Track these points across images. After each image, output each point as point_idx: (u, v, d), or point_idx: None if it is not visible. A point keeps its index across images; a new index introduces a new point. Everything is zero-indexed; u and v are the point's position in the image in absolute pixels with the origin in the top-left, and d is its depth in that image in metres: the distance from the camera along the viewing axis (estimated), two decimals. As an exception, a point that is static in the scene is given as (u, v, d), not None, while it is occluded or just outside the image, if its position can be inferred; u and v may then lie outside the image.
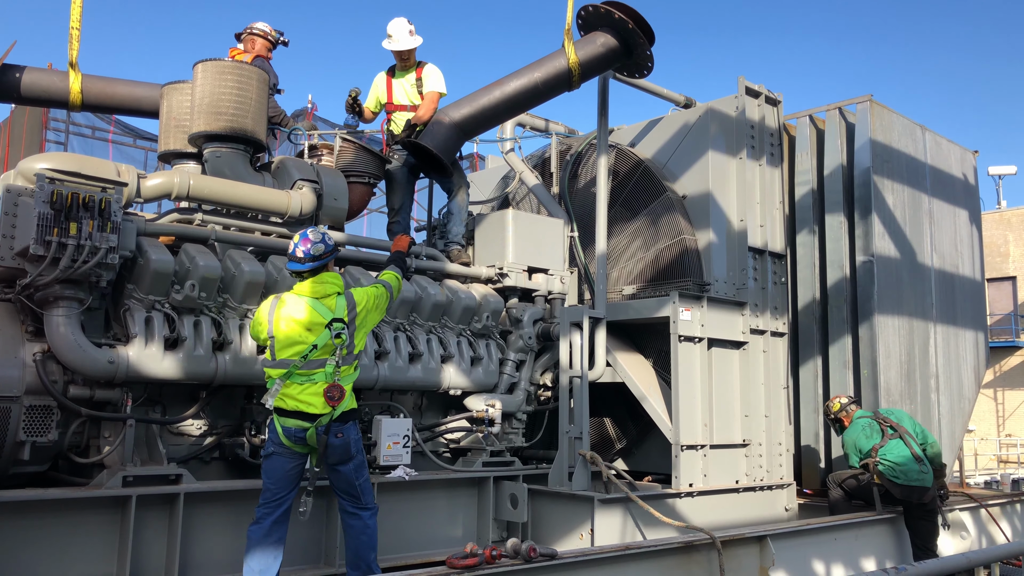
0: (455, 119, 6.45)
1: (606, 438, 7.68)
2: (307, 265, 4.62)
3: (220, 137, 5.91)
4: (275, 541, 4.54)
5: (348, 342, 4.57)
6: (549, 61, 6.51)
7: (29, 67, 6.67)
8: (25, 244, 4.58)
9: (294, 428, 4.51)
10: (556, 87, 6.53)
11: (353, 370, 4.65)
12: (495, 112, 6.59)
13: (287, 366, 4.50)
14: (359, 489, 4.69)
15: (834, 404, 7.06)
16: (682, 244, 7.15)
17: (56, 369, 4.85)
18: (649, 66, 6.79)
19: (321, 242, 4.65)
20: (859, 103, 8.00)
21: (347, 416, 4.58)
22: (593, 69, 6.60)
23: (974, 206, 9.48)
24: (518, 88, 6.49)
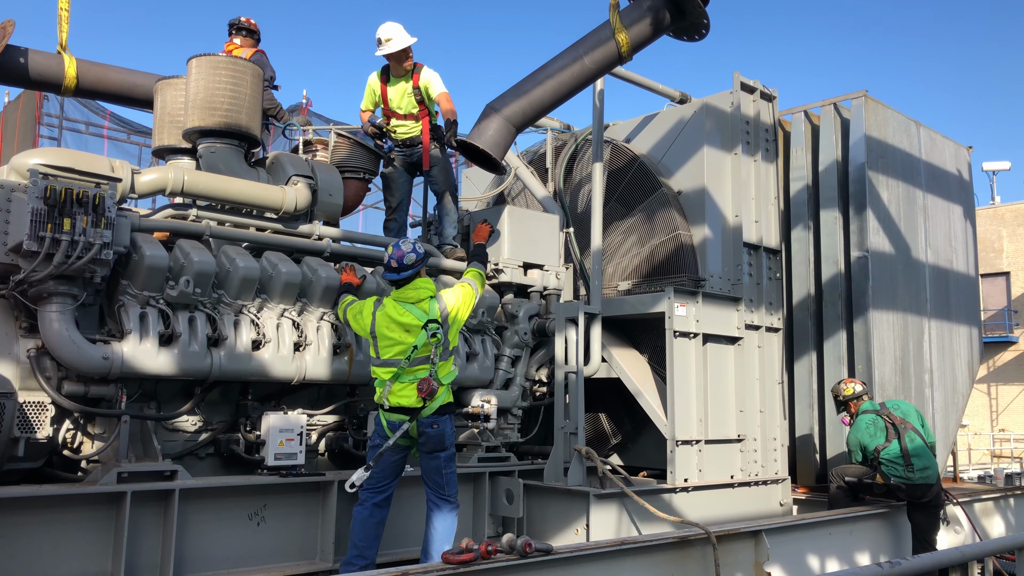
0: (504, 113, 6.09)
1: (601, 433, 7.69)
2: (402, 274, 4.99)
3: (214, 132, 5.89)
4: (376, 523, 4.93)
5: (443, 340, 4.90)
6: (595, 37, 6.10)
7: (23, 48, 6.52)
8: (19, 240, 4.56)
9: (396, 421, 4.88)
10: (606, 64, 6.17)
11: (451, 366, 4.98)
12: (545, 100, 6.18)
13: (395, 366, 4.87)
14: (444, 480, 4.92)
15: (847, 388, 7.01)
16: (677, 240, 7.15)
17: (50, 365, 4.83)
18: (705, 24, 6.23)
19: (412, 252, 5.01)
20: (854, 99, 8.01)
21: (444, 409, 4.90)
22: (643, 39, 6.15)
23: (968, 202, 9.50)
24: (566, 71, 6.09)
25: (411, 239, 5.16)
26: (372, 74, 7.01)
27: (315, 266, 5.80)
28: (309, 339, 5.68)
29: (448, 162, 7.19)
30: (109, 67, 6.83)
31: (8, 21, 6.22)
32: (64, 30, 6.05)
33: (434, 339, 4.83)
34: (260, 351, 5.46)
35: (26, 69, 6.45)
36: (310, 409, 5.99)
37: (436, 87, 6.81)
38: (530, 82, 6.15)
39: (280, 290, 5.59)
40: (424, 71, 6.83)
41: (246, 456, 5.45)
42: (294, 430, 5.43)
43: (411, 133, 6.99)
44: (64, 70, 6.48)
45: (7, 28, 6.13)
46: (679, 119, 7.61)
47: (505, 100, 6.14)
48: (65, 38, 6.14)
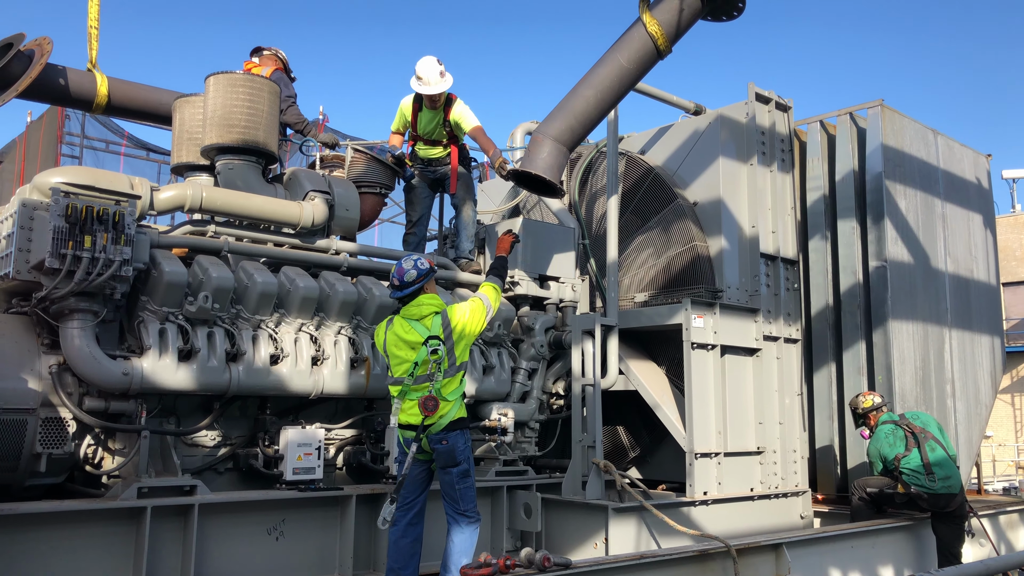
0: (553, 135, 5.88)
1: (619, 447, 7.65)
2: (404, 291, 4.95)
3: (232, 149, 5.95)
4: (411, 541, 4.87)
5: (447, 356, 4.82)
6: (628, 36, 5.90)
7: (59, 66, 6.61)
8: (41, 257, 4.63)
9: (409, 438, 4.86)
10: (646, 62, 5.91)
11: (458, 382, 4.89)
12: (591, 113, 5.95)
13: (400, 383, 4.85)
14: (458, 495, 4.87)
15: (865, 400, 6.97)
16: (694, 251, 7.13)
17: (72, 381, 4.88)
18: (740, 4, 6.00)
19: (413, 268, 4.95)
20: (870, 108, 7.98)
21: (455, 424, 4.82)
22: (679, 27, 5.88)
23: (988, 210, 9.42)
24: (607, 79, 5.86)
25: (415, 255, 5.11)
26: (406, 98, 7.04)
27: (332, 280, 5.84)
28: (327, 353, 5.70)
29: (470, 177, 7.23)
30: (137, 85, 6.93)
31: (44, 39, 6.30)
32: (94, 47, 6.13)
33: (434, 356, 4.75)
34: (278, 366, 5.49)
35: (61, 87, 6.53)
36: (328, 423, 6.01)
37: (469, 121, 6.84)
38: (573, 98, 5.94)
39: (298, 305, 5.62)
40: (456, 105, 6.88)
41: (264, 470, 5.47)
42: (312, 444, 5.44)
43: (437, 156, 7.07)
44: (96, 88, 6.55)
45: (44, 46, 6.22)
46: (694, 130, 7.60)
47: (552, 122, 5.94)
48: (95, 55, 6.20)
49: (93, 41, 6.07)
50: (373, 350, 5.96)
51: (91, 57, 6.22)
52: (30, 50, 6.29)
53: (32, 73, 6.00)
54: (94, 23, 5.96)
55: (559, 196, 6.38)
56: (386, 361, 5.07)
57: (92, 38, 6.05)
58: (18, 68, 6.14)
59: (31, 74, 6.00)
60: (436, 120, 6.97)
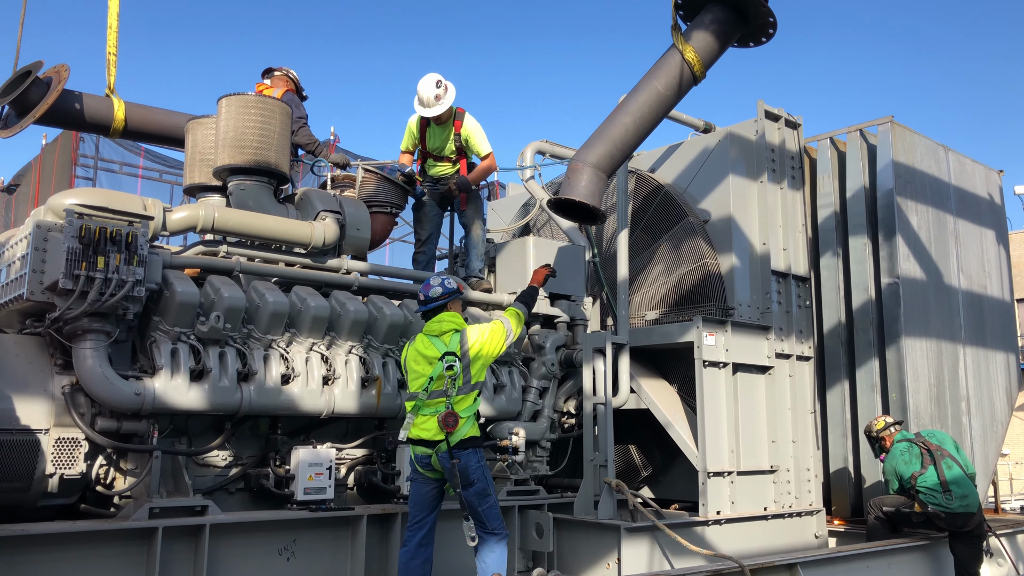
0: (591, 162, 5.86)
1: (631, 466, 7.61)
2: (428, 306, 5.05)
3: (244, 170, 5.99)
4: (422, 562, 4.86)
5: (462, 374, 4.84)
6: (664, 63, 5.98)
7: (76, 92, 6.72)
8: (54, 278, 4.66)
9: (420, 455, 4.86)
10: (682, 88, 6.00)
11: (472, 400, 4.89)
12: (629, 139, 6.00)
13: (414, 398, 4.88)
14: (482, 515, 4.82)
15: (878, 423, 6.93)
16: (704, 268, 7.12)
17: (84, 402, 4.90)
18: (772, 22, 6.04)
19: (439, 286, 5.06)
20: (880, 124, 7.96)
21: (467, 443, 4.78)
22: (713, 52, 6.00)
23: (1001, 226, 9.36)
24: (644, 105, 5.94)
25: (443, 274, 5.23)
26: (413, 116, 7.10)
27: (343, 300, 5.85)
28: (338, 373, 5.71)
29: (479, 196, 7.26)
30: (154, 109, 7.02)
31: (62, 66, 6.41)
32: (112, 74, 6.24)
33: (449, 371, 4.77)
34: (289, 385, 5.50)
35: (78, 112, 6.64)
36: (339, 443, 6.00)
37: (481, 144, 6.90)
38: (610, 124, 5.96)
39: (309, 324, 5.64)
40: (467, 120, 6.93)
41: (276, 490, 5.47)
42: (323, 464, 5.44)
43: (446, 173, 7.10)
44: (113, 113, 6.65)
45: (62, 73, 6.32)
46: (704, 148, 7.61)
47: (590, 149, 5.93)
48: (113, 81, 6.32)
49: (111, 68, 6.19)
50: (384, 369, 5.97)
51: (109, 83, 6.34)
52: (48, 77, 6.39)
53: (49, 100, 6.09)
54: (112, 50, 6.07)
55: (601, 222, 6.33)
56: (405, 377, 5.12)
57: (110, 64, 6.17)
58: (36, 95, 6.25)
59: (48, 101, 6.09)
60: (445, 135, 7.01)
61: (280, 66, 7.69)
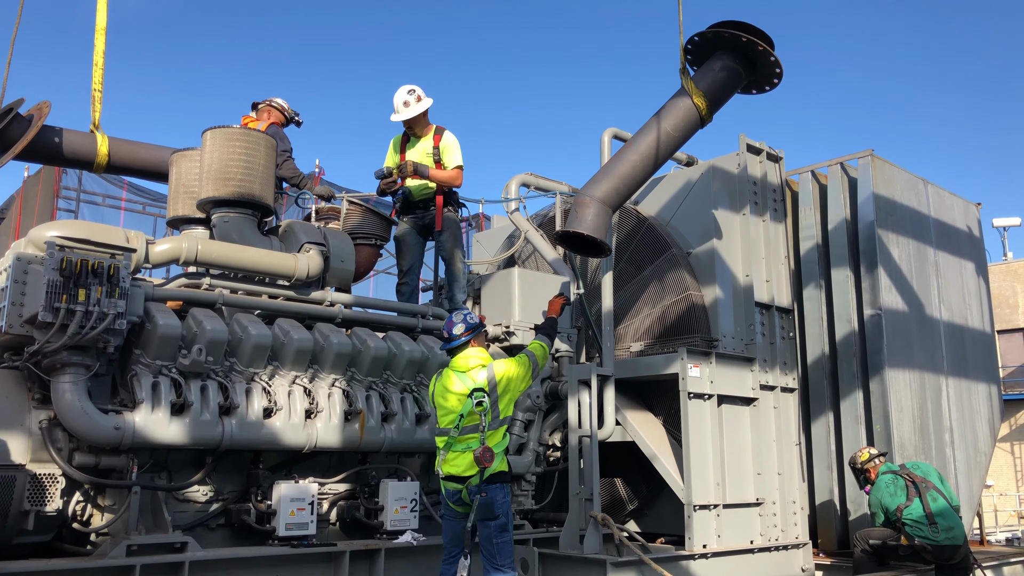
0: (598, 197, 5.99)
1: (617, 499, 7.55)
2: (451, 343, 5.12)
3: (228, 202, 5.98)
4: None
5: (493, 410, 4.90)
6: (673, 105, 6.17)
7: (57, 128, 6.72)
8: (34, 311, 4.61)
9: (451, 489, 4.92)
10: (689, 130, 6.22)
11: (502, 436, 4.96)
12: (636, 176, 6.15)
13: (446, 434, 4.93)
14: (496, 549, 4.84)
15: (862, 454, 6.93)
16: (688, 300, 7.14)
17: (62, 436, 4.83)
18: (778, 73, 6.30)
19: (462, 322, 5.14)
20: (860, 158, 8.07)
21: (495, 478, 4.86)
22: (720, 98, 6.26)
23: (980, 258, 9.47)
24: (652, 145, 6.11)
25: (465, 310, 5.29)
26: (396, 136, 7.19)
27: (327, 332, 5.82)
28: (320, 406, 5.66)
29: (458, 227, 7.25)
30: (139, 144, 7.01)
31: (44, 103, 6.45)
32: (97, 110, 6.28)
33: (479, 407, 4.85)
34: (271, 419, 5.45)
35: (61, 148, 6.64)
36: (321, 477, 5.93)
37: (453, 157, 6.94)
38: (618, 162, 6.13)
39: (292, 357, 5.60)
40: (446, 135, 7.01)
41: (257, 526, 5.38)
42: (305, 499, 5.37)
43: (425, 192, 7.08)
44: (96, 148, 6.66)
45: (43, 109, 6.36)
46: (686, 181, 7.67)
47: (597, 184, 6.08)
48: (98, 118, 6.35)
49: (96, 104, 6.24)
50: (368, 402, 5.92)
51: (94, 119, 6.37)
52: (31, 115, 6.39)
53: (28, 136, 6.11)
54: (98, 87, 6.11)
55: (607, 255, 6.47)
56: (433, 412, 5.17)
57: (95, 101, 6.21)
58: (17, 131, 6.26)
59: (26, 138, 6.11)
60: (424, 150, 7.05)
61: (267, 97, 7.72)
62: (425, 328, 6.56)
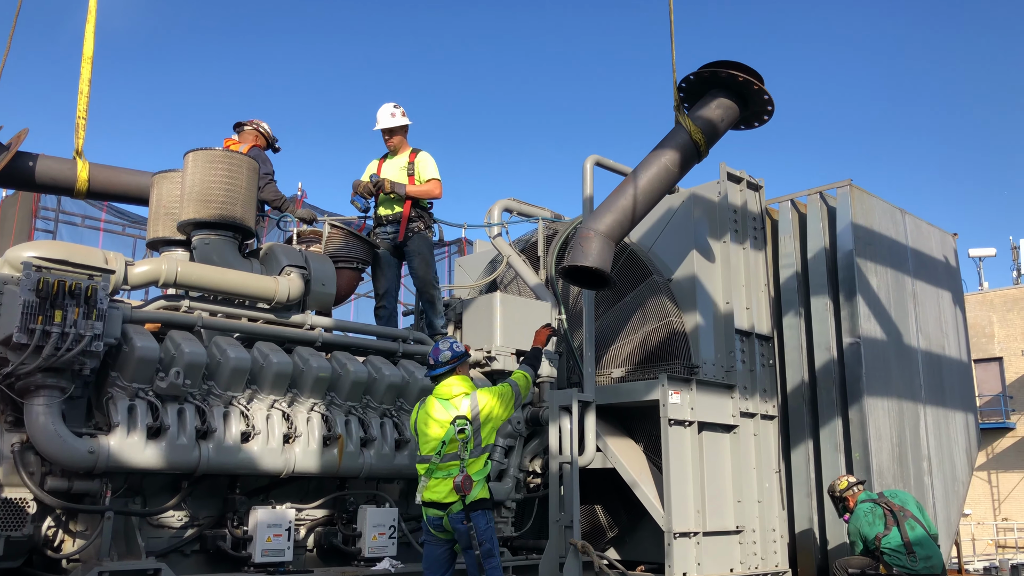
0: (602, 231, 6.10)
1: (597, 526, 7.51)
2: (437, 371, 5.14)
3: (209, 224, 5.95)
4: None
5: (472, 437, 4.91)
6: (671, 141, 6.36)
7: (36, 154, 6.70)
8: (8, 332, 4.55)
9: (432, 516, 4.92)
10: (687, 164, 6.44)
11: (483, 463, 4.96)
12: (637, 209, 6.30)
13: (427, 461, 4.93)
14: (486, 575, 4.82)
15: (841, 483, 6.95)
16: (669, 327, 7.17)
17: (34, 460, 4.74)
18: (769, 109, 6.62)
19: (448, 350, 5.16)
20: (839, 187, 8.16)
21: (477, 505, 4.85)
22: (717, 133, 6.49)
23: (956, 287, 9.58)
24: (652, 179, 6.27)
25: (451, 338, 5.32)
26: (373, 159, 7.31)
27: (306, 356, 5.78)
28: (299, 431, 5.61)
29: (428, 246, 7.14)
30: (119, 169, 6.98)
31: (23, 130, 6.47)
32: (81, 136, 6.29)
33: (461, 435, 4.86)
34: (249, 443, 5.38)
35: (39, 174, 6.61)
36: (299, 503, 5.86)
37: (428, 170, 6.98)
38: (620, 196, 6.28)
39: (271, 381, 5.55)
40: (422, 154, 7.07)
41: (233, 553, 5.30)
42: (282, 525, 5.31)
43: (396, 210, 7.06)
44: (76, 174, 6.64)
45: (21, 136, 6.38)
46: (668, 208, 7.73)
47: (600, 218, 6.19)
48: (81, 144, 6.36)
49: (80, 131, 6.25)
50: (347, 427, 5.87)
51: (77, 146, 6.39)
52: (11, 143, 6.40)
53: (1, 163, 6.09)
54: (82, 114, 6.13)
55: (612, 288, 6.54)
56: (415, 439, 5.17)
57: (79, 128, 6.23)
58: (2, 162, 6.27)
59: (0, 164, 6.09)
60: (399, 165, 7.09)
61: (250, 119, 7.70)
62: (406, 352, 6.53)
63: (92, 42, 6.14)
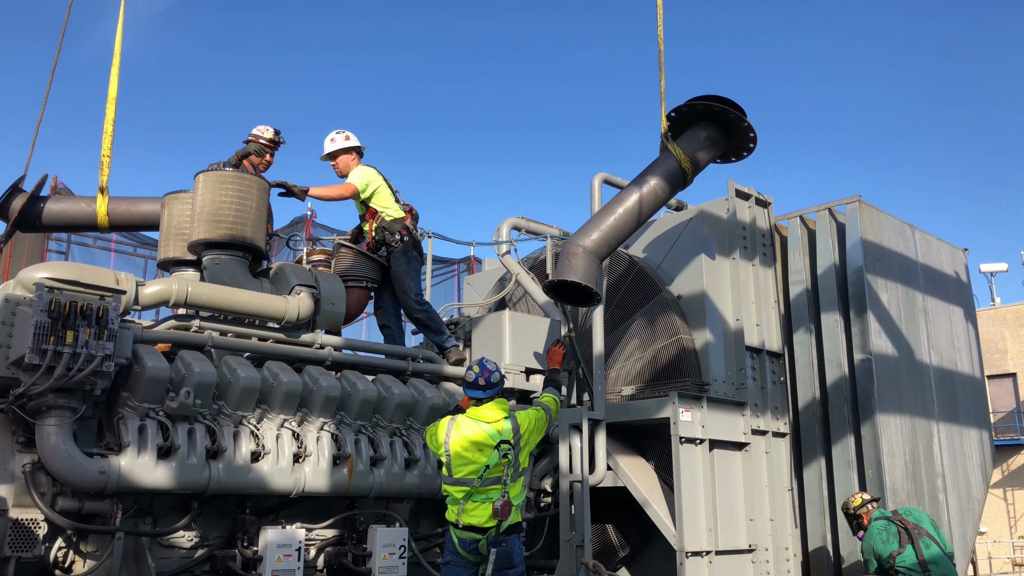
0: (588, 247, 6.18)
1: (609, 545, 7.46)
2: (488, 392, 5.03)
3: (219, 244, 5.99)
4: None
5: (514, 462, 4.90)
6: (660, 167, 6.47)
7: (57, 196, 6.98)
8: (21, 353, 4.57)
9: (468, 539, 4.87)
10: (673, 190, 6.60)
11: (520, 487, 4.97)
12: (622, 228, 6.40)
13: (467, 484, 4.86)
14: None
15: (855, 500, 6.88)
16: (679, 344, 7.15)
17: (45, 481, 4.75)
18: (751, 147, 6.80)
19: (496, 371, 5.09)
20: (848, 203, 8.15)
21: (512, 528, 4.87)
22: (703, 162, 6.64)
23: (968, 303, 9.53)
24: (639, 201, 6.39)
25: (484, 358, 5.23)
26: None
27: (316, 375, 5.79)
28: (309, 450, 5.60)
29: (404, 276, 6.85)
30: (136, 199, 7.06)
31: (44, 176, 6.78)
32: (105, 174, 6.40)
33: (505, 460, 4.85)
34: (259, 463, 5.38)
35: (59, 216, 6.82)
36: (309, 523, 5.84)
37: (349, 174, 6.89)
38: (607, 213, 6.36)
39: (281, 400, 5.56)
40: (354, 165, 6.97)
41: (243, 573, 5.28)
42: (292, 545, 5.29)
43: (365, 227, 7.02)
44: (96, 210, 6.74)
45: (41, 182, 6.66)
46: (676, 225, 7.73)
47: (587, 234, 6.25)
48: (105, 181, 6.47)
49: (105, 168, 6.37)
50: (356, 446, 5.86)
51: (102, 182, 6.50)
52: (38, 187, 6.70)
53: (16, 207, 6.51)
54: (107, 152, 6.24)
55: (598, 304, 6.51)
56: (438, 457, 5.09)
57: (104, 166, 6.34)
58: (18, 203, 6.58)
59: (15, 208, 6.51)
60: None
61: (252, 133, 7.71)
62: (415, 371, 6.53)
63: (116, 83, 6.24)
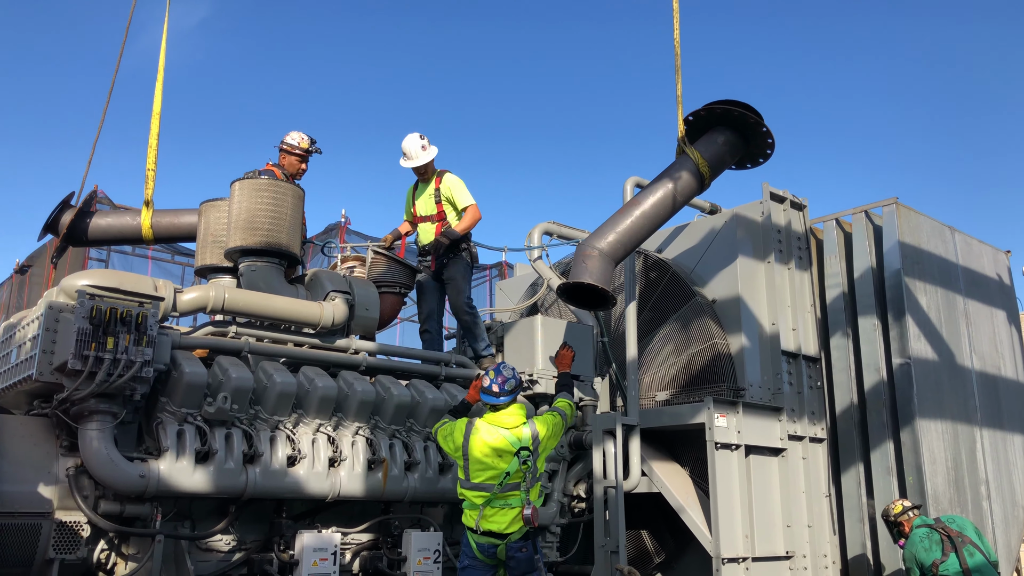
0: (604, 249, 6.16)
1: (644, 552, 7.41)
2: (505, 399, 5.07)
3: (255, 251, 6.06)
4: None
5: (533, 467, 4.94)
6: (677, 170, 6.47)
7: (101, 212, 7.20)
8: (64, 359, 4.67)
9: (487, 544, 4.92)
10: (691, 193, 6.60)
11: (538, 492, 5.03)
12: (638, 231, 6.38)
13: (488, 490, 4.90)
14: None
15: (896, 507, 6.76)
16: (714, 349, 7.08)
17: (88, 484, 4.85)
18: (768, 153, 6.78)
19: (513, 377, 5.13)
20: (885, 206, 8.03)
21: (530, 533, 4.91)
22: (721, 167, 6.65)
23: (1011, 306, 9.32)
24: (656, 203, 6.38)
25: (503, 363, 5.28)
26: (409, 186, 7.36)
27: (351, 380, 5.83)
28: (344, 454, 5.65)
29: (462, 279, 7.08)
30: (178, 212, 7.23)
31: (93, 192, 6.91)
32: (150, 187, 6.56)
33: (525, 466, 4.88)
34: (295, 467, 5.43)
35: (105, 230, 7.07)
36: (344, 527, 5.88)
37: (461, 197, 6.98)
38: (623, 216, 6.34)
39: (316, 405, 5.60)
40: (447, 177, 7.06)
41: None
42: (328, 549, 5.33)
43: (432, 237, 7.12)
44: (140, 223, 6.95)
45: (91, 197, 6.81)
46: (710, 229, 7.67)
47: (602, 236, 6.23)
48: (150, 195, 6.64)
49: (150, 182, 6.53)
50: (391, 450, 5.89)
51: (147, 196, 6.67)
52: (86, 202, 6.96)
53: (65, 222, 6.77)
54: (152, 167, 6.39)
55: (611, 306, 6.45)
56: (454, 461, 5.15)
57: (149, 179, 6.49)
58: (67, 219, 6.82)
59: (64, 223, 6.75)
60: (428, 192, 7.11)
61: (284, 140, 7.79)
62: (448, 376, 6.55)
63: (160, 99, 6.36)
